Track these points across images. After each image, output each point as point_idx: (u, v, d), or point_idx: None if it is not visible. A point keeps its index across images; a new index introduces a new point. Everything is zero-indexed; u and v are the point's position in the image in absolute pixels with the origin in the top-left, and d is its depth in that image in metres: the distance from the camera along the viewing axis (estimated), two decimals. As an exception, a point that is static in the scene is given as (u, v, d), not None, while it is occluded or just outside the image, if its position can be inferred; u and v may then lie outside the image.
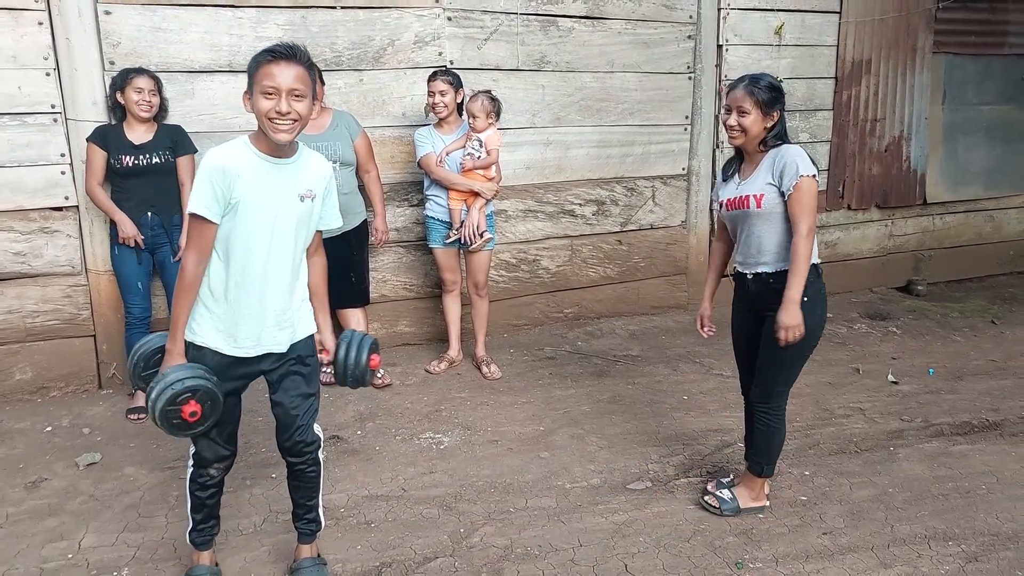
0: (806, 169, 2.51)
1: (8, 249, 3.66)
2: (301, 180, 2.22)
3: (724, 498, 2.85)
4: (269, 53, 2.06)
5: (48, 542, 2.68)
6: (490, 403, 3.81)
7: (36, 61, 3.59)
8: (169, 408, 2.06)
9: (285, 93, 2.05)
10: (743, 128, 2.60)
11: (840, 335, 4.88)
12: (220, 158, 2.09)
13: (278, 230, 2.18)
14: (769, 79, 2.61)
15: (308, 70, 2.11)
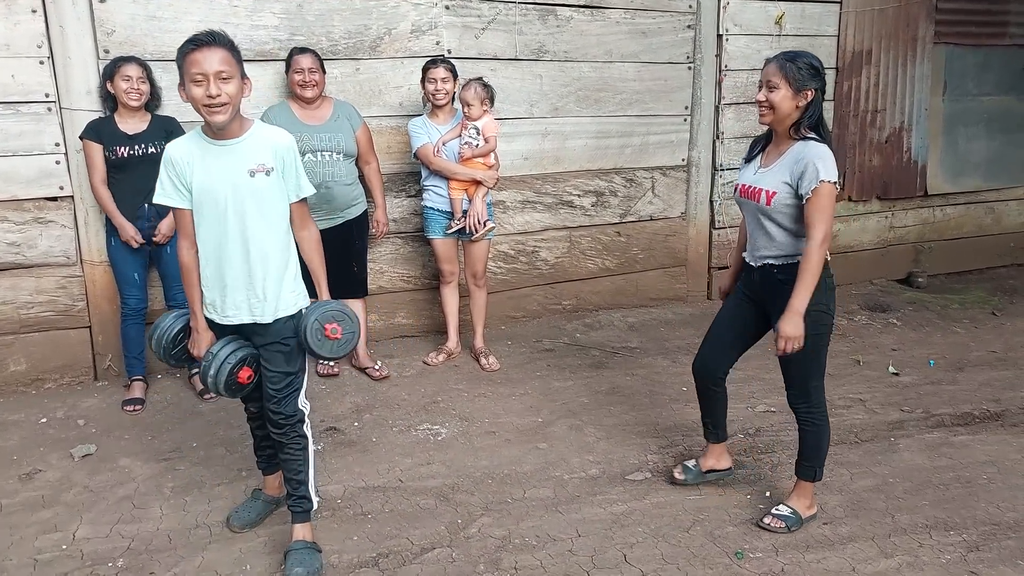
0: (827, 174, 2.40)
1: (2, 240, 3.63)
2: (250, 156, 2.30)
3: (786, 514, 2.67)
4: (191, 42, 2.17)
5: (42, 533, 2.66)
6: (488, 395, 3.79)
7: (30, 49, 3.55)
8: (229, 379, 2.36)
9: (212, 77, 2.15)
10: (771, 104, 2.47)
11: (841, 327, 4.85)
12: (171, 149, 2.30)
13: (233, 207, 2.29)
14: (808, 58, 2.47)
15: (231, 51, 2.21)
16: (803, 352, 2.50)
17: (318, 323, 2.38)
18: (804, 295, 2.42)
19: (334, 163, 3.74)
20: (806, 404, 2.65)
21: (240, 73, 2.23)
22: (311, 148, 3.69)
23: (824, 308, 2.54)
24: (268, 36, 3.92)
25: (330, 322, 2.40)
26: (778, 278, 2.57)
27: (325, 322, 2.39)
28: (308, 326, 2.37)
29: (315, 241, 2.51)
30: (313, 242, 2.51)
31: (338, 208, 3.81)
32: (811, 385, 2.62)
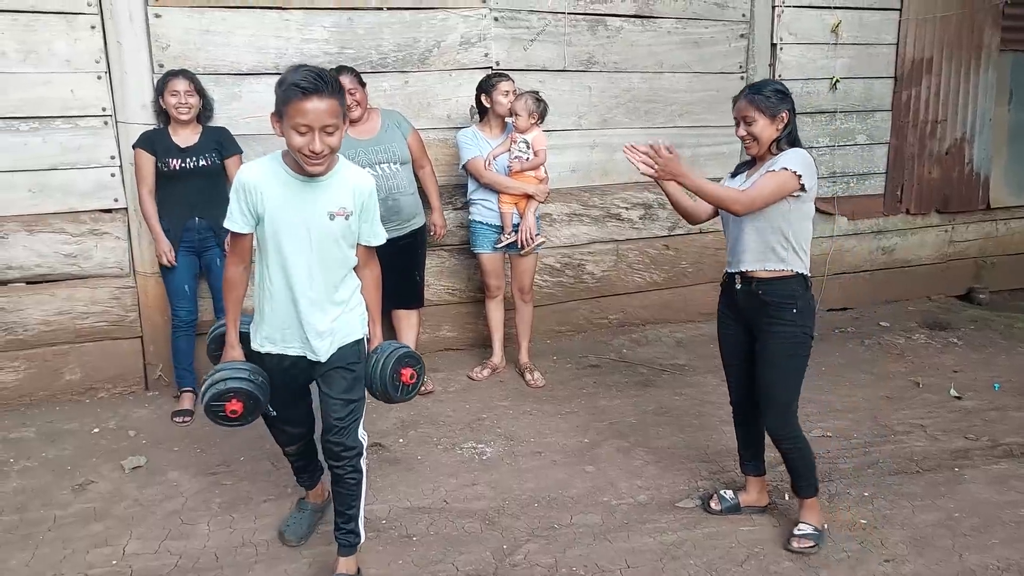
0: (793, 164, 2.47)
1: (59, 251, 3.70)
2: (332, 197, 2.21)
3: (810, 533, 2.65)
4: (299, 88, 2.02)
5: (93, 547, 2.68)
6: (533, 412, 3.74)
7: (88, 65, 3.62)
8: (213, 404, 2.24)
9: (318, 131, 2.04)
10: (754, 136, 2.58)
11: (898, 346, 4.69)
12: (246, 174, 2.19)
13: (306, 245, 2.21)
14: (772, 85, 2.59)
15: (339, 99, 2.08)
16: (787, 373, 2.60)
17: (395, 370, 2.37)
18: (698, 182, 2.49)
19: (395, 174, 3.73)
20: (786, 429, 2.66)
21: (343, 117, 2.11)
22: (368, 162, 3.67)
23: (808, 330, 2.61)
24: (319, 50, 3.93)
25: (406, 367, 2.39)
26: (761, 298, 2.60)
27: (401, 367, 2.38)
28: (387, 375, 2.36)
29: (376, 279, 2.45)
30: (374, 280, 2.44)
31: (405, 219, 3.81)
32: (790, 408, 2.66)
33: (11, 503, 2.96)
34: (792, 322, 2.58)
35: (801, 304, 2.59)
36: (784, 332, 2.59)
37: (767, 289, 2.59)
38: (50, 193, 3.66)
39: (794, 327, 2.58)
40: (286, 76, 2.08)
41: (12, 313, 3.67)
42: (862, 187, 5.31)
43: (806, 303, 2.61)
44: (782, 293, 2.58)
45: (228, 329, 2.35)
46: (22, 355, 3.72)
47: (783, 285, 2.58)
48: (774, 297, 2.58)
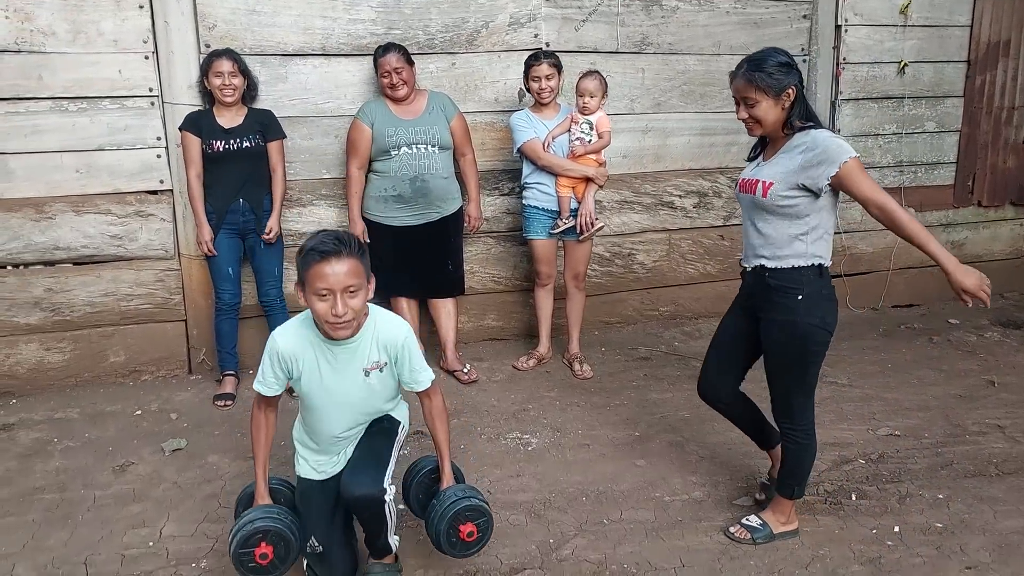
0: (846, 153, 2.24)
1: (106, 232, 3.68)
2: (364, 356, 2.17)
3: (755, 526, 2.54)
4: (317, 252, 1.98)
5: (131, 528, 2.63)
6: (581, 404, 3.59)
7: (136, 45, 3.59)
8: (242, 551, 2.08)
9: (339, 293, 1.99)
10: (757, 119, 2.33)
11: (969, 343, 4.42)
12: (278, 343, 2.15)
13: (344, 403, 2.21)
14: (775, 58, 2.30)
15: (360, 258, 2.03)
16: (787, 366, 2.42)
17: (451, 525, 2.18)
18: (937, 249, 2.25)
19: (429, 156, 3.64)
20: (788, 421, 2.49)
21: (367, 276, 2.05)
22: (406, 141, 3.60)
23: (817, 322, 2.35)
24: (365, 31, 3.85)
25: (465, 523, 2.19)
26: (769, 283, 2.38)
27: (460, 523, 2.18)
28: (442, 531, 2.18)
29: (440, 411, 2.30)
30: (438, 412, 2.30)
31: (434, 202, 3.70)
32: (794, 401, 2.46)
33: (53, 482, 2.93)
34: (793, 310, 2.34)
35: (809, 291, 2.33)
36: (780, 320, 2.37)
37: (777, 274, 2.37)
38: (97, 174, 3.65)
39: (794, 315, 2.33)
40: (305, 243, 2.05)
41: (59, 294, 3.67)
42: (930, 177, 5.03)
43: (816, 291, 2.34)
44: (788, 278, 2.35)
45: (257, 479, 2.22)
46: (68, 336, 3.72)
47: (792, 272, 2.35)
48: (779, 282, 2.36)
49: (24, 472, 3.00)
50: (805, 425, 2.47)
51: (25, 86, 3.48)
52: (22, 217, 3.56)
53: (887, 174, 4.92)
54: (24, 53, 3.45)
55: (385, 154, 3.63)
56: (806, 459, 2.50)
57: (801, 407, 2.45)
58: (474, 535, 2.19)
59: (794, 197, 2.31)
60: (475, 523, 2.19)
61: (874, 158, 4.85)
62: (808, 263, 2.35)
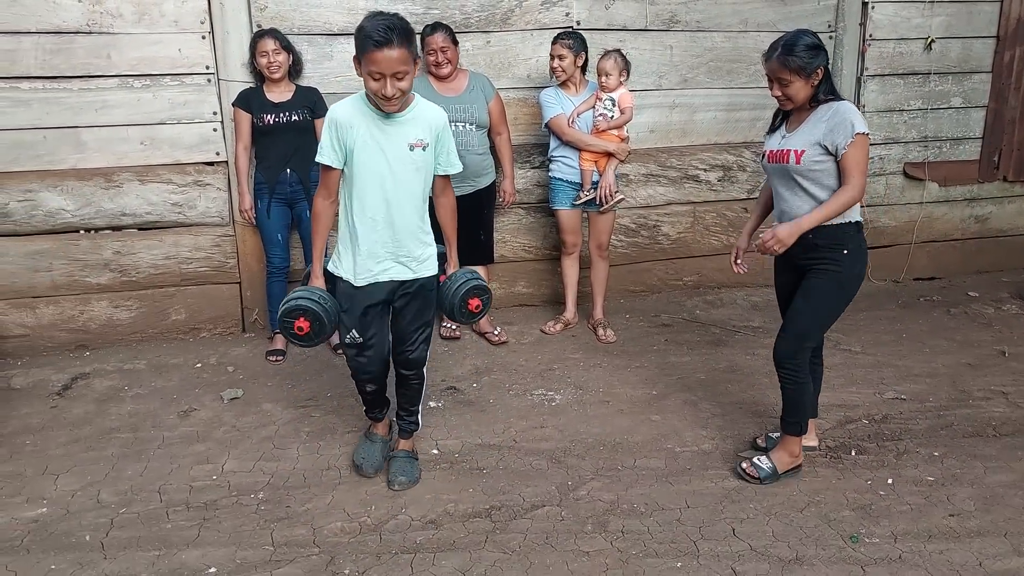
0: (861, 126, 2.51)
1: (167, 200, 4.00)
2: (411, 131, 2.50)
3: (762, 466, 2.78)
4: (373, 40, 2.28)
5: (196, 464, 2.96)
6: (603, 365, 3.83)
7: (194, 25, 3.87)
8: (284, 319, 2.55)
9: (389, 76, 2.32)
10: (789, 97, 2.59)
11: (986, 315, 4.54)
12: (337, 112, 2.47)
13: (391, 176, 2.50)
14: (804, 40, 2.53)
15: (408, 47, 2.33)
16: (821, 309, 2.66)
17: (464, 299, 2.68)
18: (816, 218, 2.53)
19: (468, 133, 3.87)
20: (792, 361, 2.70)
21: (413, 60, 2.36)
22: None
23: (859, 271, 2.66)
24: (405, 10, 4.04)
25: (473, 297, 2.70)
26: (816, 242, 2.62)
27: (469, 298, 2.69)
28: (456, 302, 2.68)
29: (452, 208, 2.76)
30: (450, 208, 2.75)
31: (470, 176, 3.94)
32: (805, 343, 2.70)
33: (126, 423, 3.28)
34: (840, 262, 2.62)
35: (852, 247, 2.63)
36: (830, 270, 2.63)
37: (817, 232, 2.59)
38: (159, 146, 3.96)
39: (841, 266, 2.62)
40: (363, 24, 2.35)
41: (126, 256, 4.01)
42: (956, 152, 5.11)
43: (857, 246, 2.65)
44: (834, 236, 2.61)
45: (315, 261, 2.65)
46: (134, 295, 4.07)
47: (836, 230, 2.61)
48: (826, 240, 2.61)
49: (100, 414, 3.36)
50: (803, 366, 2.73)
51: (96, 64, 3.79)
52: (93, 185, 3.90)
53: (911, 149, 5.01)
54: (95, 34, 3.75)
55: (426, 130, 3.87)
56: (807, 396, 2.78)
57: (806, 350, 2.72)
58: (480, 307, 2.73)
59: (824, 160, 2.56)
60: (480, 298, 2.73)
61: (899, 133, 4.95)
62: (847, 220, 2.61)
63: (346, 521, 2.60)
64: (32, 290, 3.92)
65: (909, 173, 5.05)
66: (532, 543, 2.48)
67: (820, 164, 2.56)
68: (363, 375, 2.76)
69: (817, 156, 2.56)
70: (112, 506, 2.69)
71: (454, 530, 2.55)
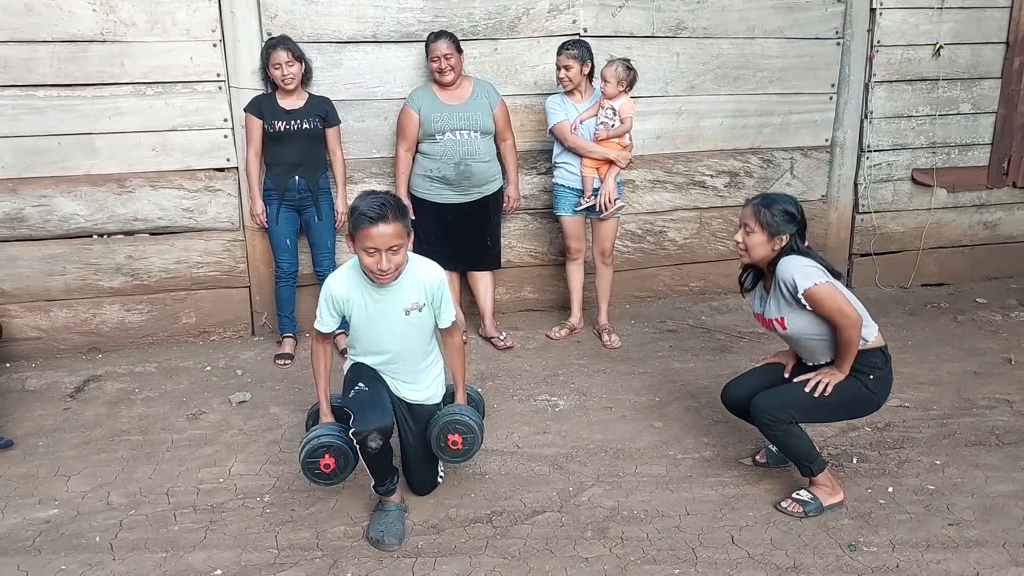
0: (804, 281, 2.48)
1: (178, 205, 4.07)
2: (406, 297, 2.54)
3: (805, 499, 2.67)
4: (367, 217, 2.33)
5: (204, 467, 3.02)
6: (607, 371, 3.86)
7: (205, 33, 3.93)
8: (309, 460, 2.52)
9: (384, 251, 2.36)
10: (746, 247, 2.60)
11: (993, 323, 4.53)
12: (333, 287, 2.54)
13: (392, 338, 2.58)
14: (784, 204, 2.56)
15: (403, 220, 2.38)
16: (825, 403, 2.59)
17: (442, 433, 2.64)
18: (846, 363, 2.57)
19: (472, 141, 3.91)
20: (769, 418, 2.59)
21: (407, 234, 2.40)
22: (450, 127, 3.87)
23: (877, 398, 2.65)
24: (414, 18, 4.12)
25: (453, 433, 2.64)
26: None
27: (448, 432, 2.64)
28: (433, 434, 2.65)
29: (458, 347, 2.76)
30: (456, 347, 2.76)
31: (476, 184, 3.98)
32: (790, 411, 2.59)
33: (136, 426, 3.34)
34: (863, 383, 2.61)
35: (879, 375, 2.62)
36: (852, 382, 2.60)
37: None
38: (170, 152, 4.02)
39: (861, 384, 2.61)
40: (356, 203, 2.40)
41: (138, 261, 4.07)
42: (964, 158, 5.10)
43: (884, 376, 2.64)
44: (862, 362, 2.60)
45: (320, 400, 2.68)
46: (146, 299, 4.14)
47: (865, 356, 2.60)
48: (856, 362, 2.59)
49: (112, 416, 3.43)
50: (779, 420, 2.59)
51: (109, 72, 3.85)
52: (106, 191, 3.96)
53: (919, 155, 5.01)
54: (108, 43, 3.82)
55: (431, 138, 3.92)
56: (795, 439, 2.62)
57: (786, 421, 2.59)
58: (459, 445, 2.64)
59: (807, 315, 2.55)
60: (463, 436, 2.64)
61: (907, 139, 4.95)
62: (870, 347, 2.60)
63: (349, 525, 2.64)
64: (46, 293, 4.00)
65: (917, 179, 5.04)
66: (532, 549, 2.51)
67: (804, 320, 2.57)
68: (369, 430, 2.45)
69: (796, 316, 2.57)
70: (121, 508, 2.75)
71: (455, 535, 2.58)
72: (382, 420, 2.48)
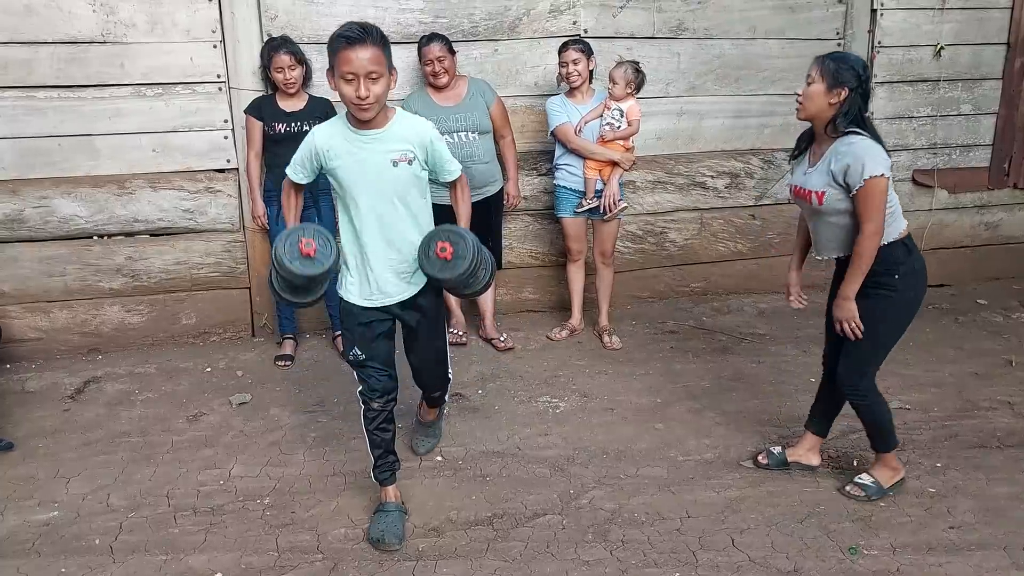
0: (874, 168, 2.39)
1: (179, 207, 4.06)
2: (393, 145, 2.36)
3: (867, 483, 2.76)
4: (344, 38, 2.19)
5: (204, 469, 3.01)
6: (608, 372, 3.85)
7: (205, 34, 3.92)
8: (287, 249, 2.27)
9: (363, 77, 2.20)
10: (805, 97, 2.51)
11: (995, 324, 4.52)
12: (316, 135, 2.40)
13: (376, 192, 2.37)
14: (852, 60, 2.48)
15: (382, 48, 2.23)
16: (880, 336, 2.58)
17: (432, 242, 2.38)
18: (853, 284, 2.51)
19: (471, 143, 3.90)
20: (853, 387, 2.67)
21: (388, 69, 2.25)
22: (447, 130, 3.85)
23: (914, 295, 2.57)
24: (414, 19, 4.11)
25: (441, 240, 2.36)
26: (873, 268, 2.53)
27: (436, 239, 2.37)
28: (423, 241, 2.41)
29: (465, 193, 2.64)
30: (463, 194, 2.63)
31: (476, 187, 3.97)
32: (867, 368, 2.65)
33: (137, 427, 3.34)
34: (894, 287, 2.53)
35: (904, 269, 2.53)
36: (882, 294, 2.55)
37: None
38: (170, 153, 4.01)
39: (894, 292, 2.54)
40: (335, 32, 2.24)
41: (138, 262, 4.07)
42: (965, 159, 5.09)
43: (910, 268, 2.55)
44: (886, 261, 2.51)
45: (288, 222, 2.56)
46: (146, 300, 4.13)
47: (885, 252, 2.51)
48: (877, 266, 2.50)
49: (112, 418, 3.42)
50: (870, 386, 2.68)
51: (109, 73, 3.85)
52: (107, 192, 3.96)
53: (920, 156, 5.00)
54: (109, 44, 3.81)
55: (429, 143, 3.90)
56: (881, 411, 2.70)
57: (868, 376, 2.66)
58: (447, 251, 2.34)
59: (845, 199, 2.48)
60: (452, 245, 2.35)
61: (908, 140, 4.94)
62: (891, 240, 2.52)
63: (350, 528, 2.64)
64: (46, 294, 3.99)
65: (918, 180, 5.03)
66: (533, 552, 2.50)
67: (842, 203, 2.49)
68: (373, 396, 2.57)
69: (838, 195, 2.49)
70: (121, 510, 2.74)
71: (456, 537, 2.58)
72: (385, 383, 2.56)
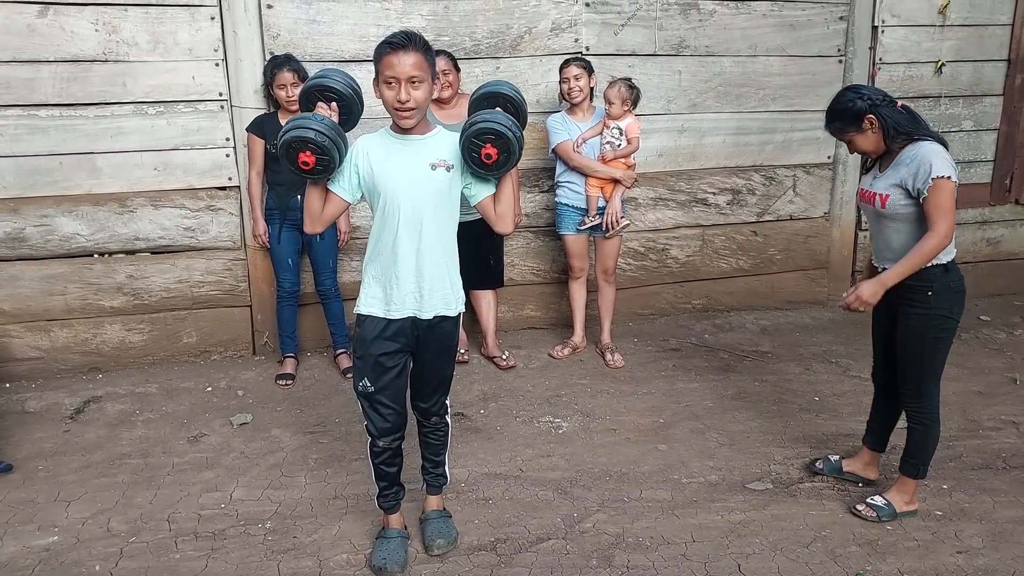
0: (941, 169, 2.48)
1: (180, 224, 4.05)
2: (432, 151, 2.35)
3: (880, 505, 2.76)
4: (388, 44, 2.21)
5: (205, 492, 2.99)
6: (610, 391, 3.84)
7: (208, 53, 3.93)
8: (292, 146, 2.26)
9: (404, 82, 2.21)
10: (859, 150, 2.68)
11: (997, 341, 4.51)
12: (358, 140, 2.39)
13: (411, 200, 2.33)
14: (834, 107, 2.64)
15: (425, 55, 2.23)
16: (921, 354, 2.66)
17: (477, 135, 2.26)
18: (898, 272, 2.55)
19: None
20: (917, 404, 2.72)
21: (431, 76, 2.27)
22: None
23: (947, 312, 2.63)
24: (415, 37, 4.11)
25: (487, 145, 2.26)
26: (906, 283, 2.59)
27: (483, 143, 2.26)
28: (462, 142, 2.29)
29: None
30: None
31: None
32: (925, 387, 2.70)
33: (137, 449, 3.32)
34: (926, 304, 2.60)
35: (937, 287, 2.59)
36: (918, 314, 2.62)
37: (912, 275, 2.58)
38: (172, 171, 4.01)
39: (927, 309, 2.61)
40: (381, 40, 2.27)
41: (139, 280, 4.06)
42: (967, 175, 5.09)
43: (944, 286, 2.60)
44: (919, 277, 2.58)
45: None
46: (146, 319, 4.12)
47: (921, 272, 2.57)
48: (920, 281, 2.58)
49: (112, 439, 3.40)
50: (934, 410, 2.72)
51: (111, 92, 3.84)
52: (108, 210, 3.95)
53: (922, 172, 4.99)
54: (111, 62, 3.81)
55: (430, 159, 3.90)
56: (931, 440, 2.73)
57: (931, 392, 2.71)
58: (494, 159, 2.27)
59: (909, 204, 2.56)
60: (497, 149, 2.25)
61: (909, 157, 4.94)
62: (933, 262, 2.57)
63: (352, 553, 2.61)
64: (47, 313, 3.98)
65: (920, 196, 5.03)
66: (537, 577, 2.48)
67: (906, 208, 2.56)
68: (380, 435, 2.49)
69: (902, 200, 2.56)
70: (122, 535, 2.72)
71: (459, 563, 2.55)
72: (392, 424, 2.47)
